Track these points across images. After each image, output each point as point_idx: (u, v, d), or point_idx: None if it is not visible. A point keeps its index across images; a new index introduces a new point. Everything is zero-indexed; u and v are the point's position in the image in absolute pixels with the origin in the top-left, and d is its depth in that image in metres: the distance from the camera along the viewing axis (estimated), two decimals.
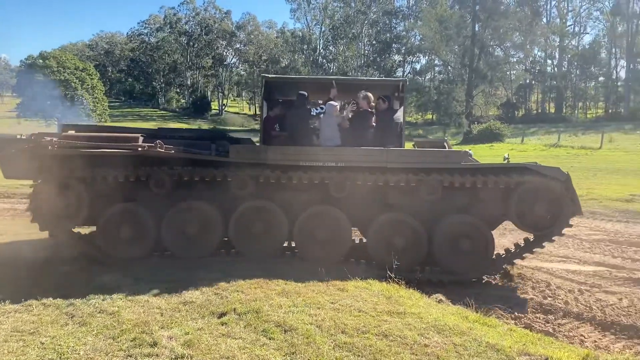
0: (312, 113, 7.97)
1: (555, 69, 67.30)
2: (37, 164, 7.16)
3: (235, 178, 7.26)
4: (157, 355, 4.20)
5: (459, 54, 62.62)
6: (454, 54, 64.12)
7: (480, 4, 57.81)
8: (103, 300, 5.61)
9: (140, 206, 7.51)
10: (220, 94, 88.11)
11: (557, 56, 66.73)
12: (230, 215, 7.46)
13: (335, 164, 7.21)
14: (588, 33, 76.12)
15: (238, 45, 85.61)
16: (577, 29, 67.91)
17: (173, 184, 7.38)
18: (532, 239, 7.60)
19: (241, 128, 67.14)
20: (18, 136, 7.49)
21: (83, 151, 7.09)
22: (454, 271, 7.32)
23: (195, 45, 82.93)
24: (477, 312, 5.54)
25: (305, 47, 76.68)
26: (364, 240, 8.03)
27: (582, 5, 66.17)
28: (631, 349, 5.33)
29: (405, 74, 74.43)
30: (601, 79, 69.00)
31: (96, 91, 60.28)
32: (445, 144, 8.40)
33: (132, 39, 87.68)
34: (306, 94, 7.85)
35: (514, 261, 7.68)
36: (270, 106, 8.17)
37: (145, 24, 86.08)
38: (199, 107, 78.36)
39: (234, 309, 5.23)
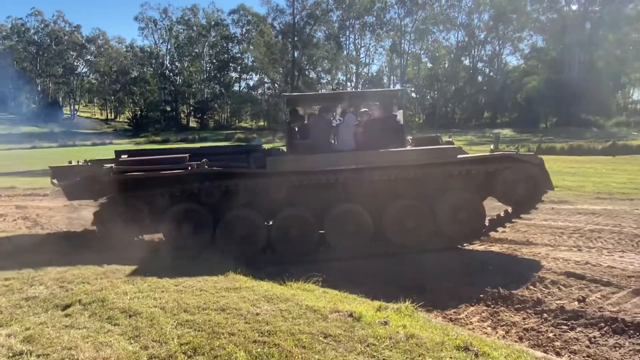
0: (332, 124, 7.73)
1: (353, 89, 72.23)
2: (98, 188, 7.00)
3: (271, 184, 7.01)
4: None
5: (283, 74, 63.91)
6: (279, 74, 65.26)
7: (298, 36, 59.57)
8: None
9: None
10: (72, 100, 77.95)
11: (354, 79, 71.49)
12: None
13: (356, 165, 6.99)
14: (375, 64, 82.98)
15: (89, 57, 76.41)
16: (367, 60, 73.50)
17: (220, 194, 7.00)
18: (511, 211, 7.66)
19: (94, 131, 60.52)
20: (73, 162, 7.42)
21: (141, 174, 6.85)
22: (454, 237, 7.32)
23: (45, 55, 72.03)
24: (298, 281, 5.48)
25: (153, 61, 71.47)
26: None
27: (371, 43, 71.80)
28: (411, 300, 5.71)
29: (241, 89, 73.83)
30: None
31: None
32: (439, 139, 8.26)
33: None
34: (329, 107, 7.65)
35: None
36: (293, 118, 7.80)
37: None
38: (51, 111, 68.29)
39: (79, 300, 4.48)
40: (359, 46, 71.56)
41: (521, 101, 49.36)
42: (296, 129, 7.85)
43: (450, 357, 3.37)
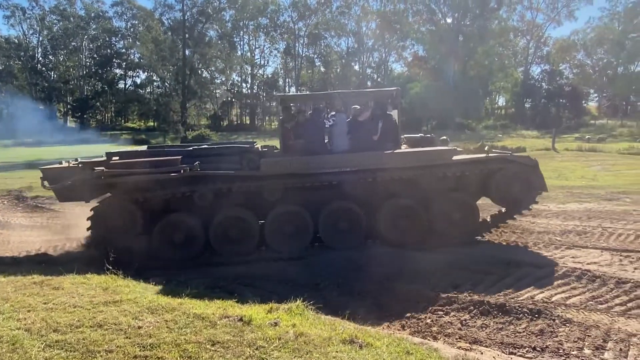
0: (326, 125, 7.82)
1: (249, 90, 71.57)
2: (90, 190, 7.01)
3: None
4: None
5: (174, 73, 61.16)
6: (169, 72, 62.31)
7: (189, 33, 57.43)
8: None
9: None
10: None
11: (249, 81, 70.85)
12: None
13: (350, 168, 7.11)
14: (270, 65, 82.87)
15: None
16: (262, 61, 73.30)
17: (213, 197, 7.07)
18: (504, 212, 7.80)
19: None
20: (64, 163, 7.27)
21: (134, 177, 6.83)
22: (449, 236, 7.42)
23: None
24: (188, 288, 5.27)
25: (22, 53, 63.60)
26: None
27: (265, 45, 71.73)
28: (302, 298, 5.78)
29: (127, 87, 69.09)
30: None
31: None
32: (435, 139, 8.17)
33: None
34: (321, 108, 7.54)
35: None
36: (287, 119, 7.80)
37: None
38: None
39: None
40: (254, 47, 71.20)
41: (406, 106, 52.90)
42: (291, 130, 7.78)
43: (337, 351, 3.48)
